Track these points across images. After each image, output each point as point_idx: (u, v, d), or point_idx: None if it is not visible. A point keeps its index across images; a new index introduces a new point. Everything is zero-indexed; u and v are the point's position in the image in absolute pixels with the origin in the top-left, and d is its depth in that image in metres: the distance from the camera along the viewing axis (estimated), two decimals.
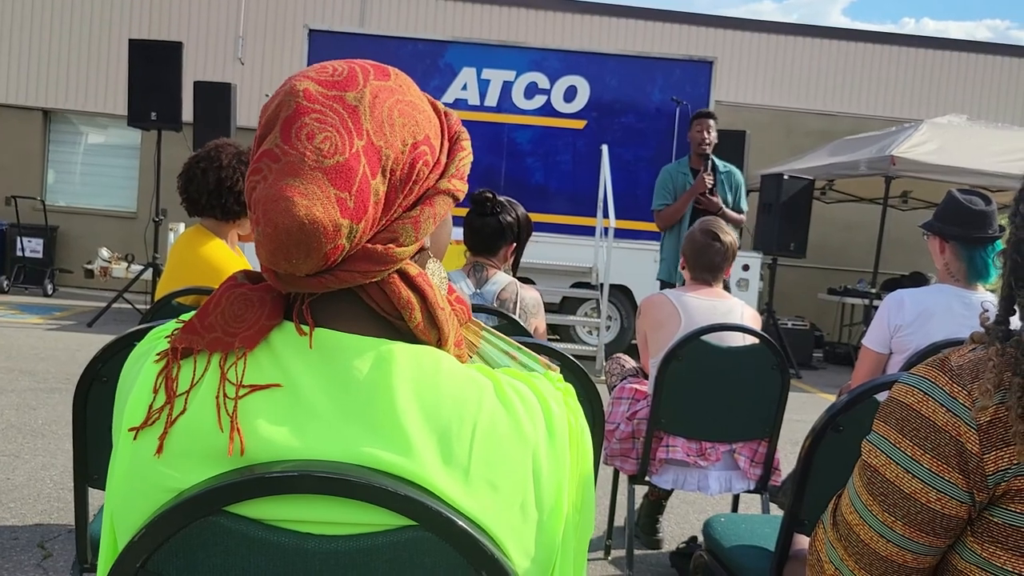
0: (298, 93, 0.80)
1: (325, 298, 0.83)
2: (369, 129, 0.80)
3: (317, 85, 0.81)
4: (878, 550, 1.05)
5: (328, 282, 0.80)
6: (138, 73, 8.47)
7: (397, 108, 0.83)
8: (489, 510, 0.77)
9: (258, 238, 0.78)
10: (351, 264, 0.80)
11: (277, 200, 0.76)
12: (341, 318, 0.83)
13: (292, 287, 0.81)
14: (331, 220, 0.76)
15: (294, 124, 0.78)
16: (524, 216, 2.98)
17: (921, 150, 8.55)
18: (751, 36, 13.62)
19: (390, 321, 0.84)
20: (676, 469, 2.92)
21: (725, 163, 5.76)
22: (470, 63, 9.12)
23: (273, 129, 0.80)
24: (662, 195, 5.66)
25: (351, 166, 0.78)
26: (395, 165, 0.81)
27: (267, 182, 0.78)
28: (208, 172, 2.67)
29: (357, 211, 0.78)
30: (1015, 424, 0.95)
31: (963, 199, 2.67)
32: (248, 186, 0.80)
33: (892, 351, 2.75)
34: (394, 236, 0.82)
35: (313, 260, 0.77)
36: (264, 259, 0.79)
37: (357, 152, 0.78)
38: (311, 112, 0.79)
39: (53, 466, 3.88)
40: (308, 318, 0.81)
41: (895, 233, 10.47)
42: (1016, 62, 13.82)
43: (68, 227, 12.70)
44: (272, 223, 0.76)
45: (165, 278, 2.71)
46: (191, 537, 0.73)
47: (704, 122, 5.57)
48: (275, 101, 0.81)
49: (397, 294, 0.83)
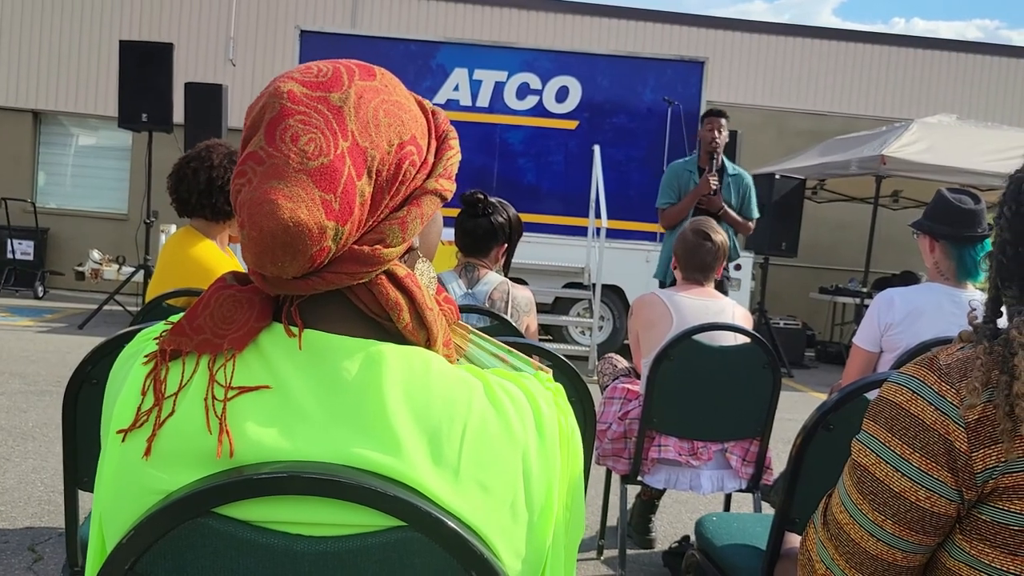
0: (282, 95, 0.80)
1: (314, 300, 0.83)
2: (354, 130, 0.80)
3: (301, 86, 0.80)
4: (868, 549, 1.06)
5: (315, 284, 0.80)
6: (129, 74, 8.44)
7: (383, 108, 0.82)
8: (479, 511, 0.77)
9: (244, 241, 0.78)
10: (338, 266, 0.80)
11: (262, 203, 0.76)
12: (330, 319, 0.83)
13: (279, 289, 0.81)
14: (316, 222, 0.76)
15: (278, 126, 0.78)
16: (515, 217, 2.98)
17: (911, 149, 8.59)
18: (742, 36, 13.65)
19: (379, 322, 0.84)
20: (668, 468, 2.93)
21: (735, 166, 5.57)
22: (462, 64, 9.11)
23: (258, 131, 0.79)
24: (667, 193, 5.50)
25: (336, 168, 0.78)
26: (381, 166, 0.81)
27: (252, 185, 0.77)
28: (199, 172, 2.66)
29: (342, 213, 0.78)
30: (1003, 422, 0.95)
31: (952, 198, 2.68)
32: (233, 189, 0.80)
33: (883, 349, 2.76)
34: (381, 237, 0.82)
35: (299, 262, 0.77)
36: (251, 262, 0.79)
37: (342, 153, 0.78)
38: (295, 114, 0.78)
39: (44, 469, 3.87)
40: (297, 319, 0.81)
41: (886, 232, 10.50)
42: (1005, 62, 13.89)
43: (59, 229, 12.65)
44: (257, 226, 0.76)
45: (155, 280, 2.69)
46: (180, 539, 0.73)
47: (715, 121, 5.40)
48: (260, 103, 0.81)
49: (385, 295, 0.83)
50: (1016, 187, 1.08)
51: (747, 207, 5.44)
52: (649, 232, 8.83)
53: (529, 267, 8.26)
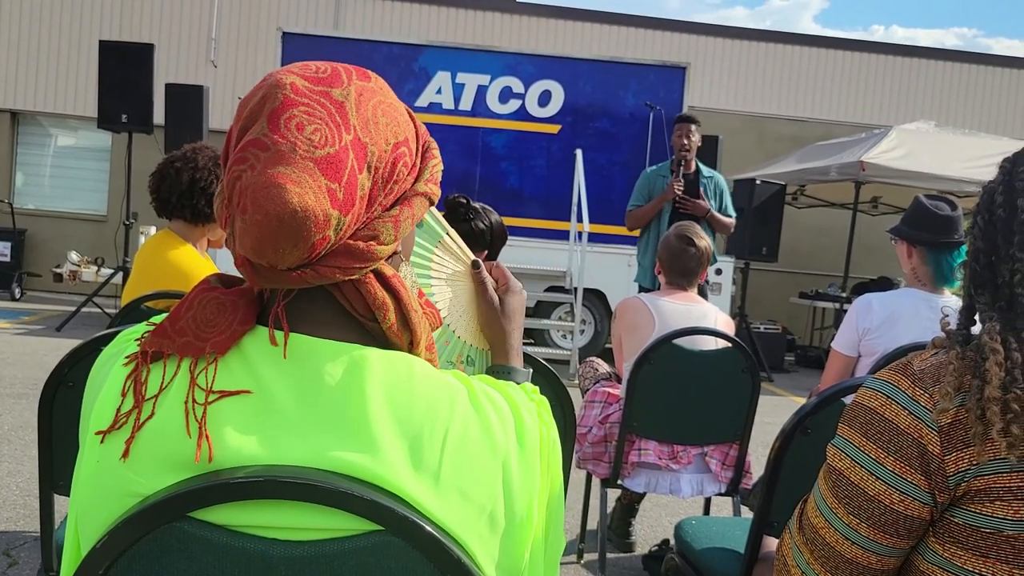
0: (284, 86, 0.80)
1: (299, 300, 0.83)
2: (356, 125, 0.80)
3: (303, 80, 0.81)
4: (843, 552, 1.07)
5: (308, 276, 0.79)
6: (109, 75, 8.37)
7: (380, 108, 0.84)
8: (458, 516, 0.77)
9: (243, 227, 0.77)
10: (332, 259, 0.80)
11: (268, 187, 0.75)
12: (314, 321, 0.83)
13: (269, 282, 0.81)
14: (322, 209, 0.76)
15: (282, 115, 0.78)
16: (498, 223, 2.95)
17: (890, 156, 8.67)
18: (724, 42, 13.73)
19: (363, 323, 0.84)
20: (648, 472, 2.94)
21: (710, 168, 5.66)
22: (444, 67, 9.11)
23: (258, 120, 0.79)
24: (637, 197, 5.63)
25: (341, 158, 0.78)
26: (379, 162, 0.82)
27: (255, 170, 0.77)
28: (182, 172, 2.64)
29: (346, 203, 0.78)
30: (974, 425, 0.97)
31: (929, 205, 2.71)
32: (230, 176, 0.78)
33: (861, 354, 2.78)
34: (375, 234, 0.82)
35: (300, 250, 0.77)
36: (247, 250, 0.78)
37: (346, 145, 0.79)
38: (299, 104, 0.79)
39: (19, 473, 3.82)
40: (284, 322, 0.81)
41: (865, 238, 10.59)
42: (983, 70, 14.05)
43: (37, 230, 12.51)
44: (262, 210, 0.75)
45: (132, 283, 2.66)
46: (154, 543, 0.73)
47: (684, 127, 5.49)
48: (258, 94, 0.80)
49: (372, 294, 0.83)
50: (989, 197, 1.09)
51: (725, 207, 5.55)
52: (631, 236, 8.83)
53: (511, 271, 8.22)
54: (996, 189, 1.09)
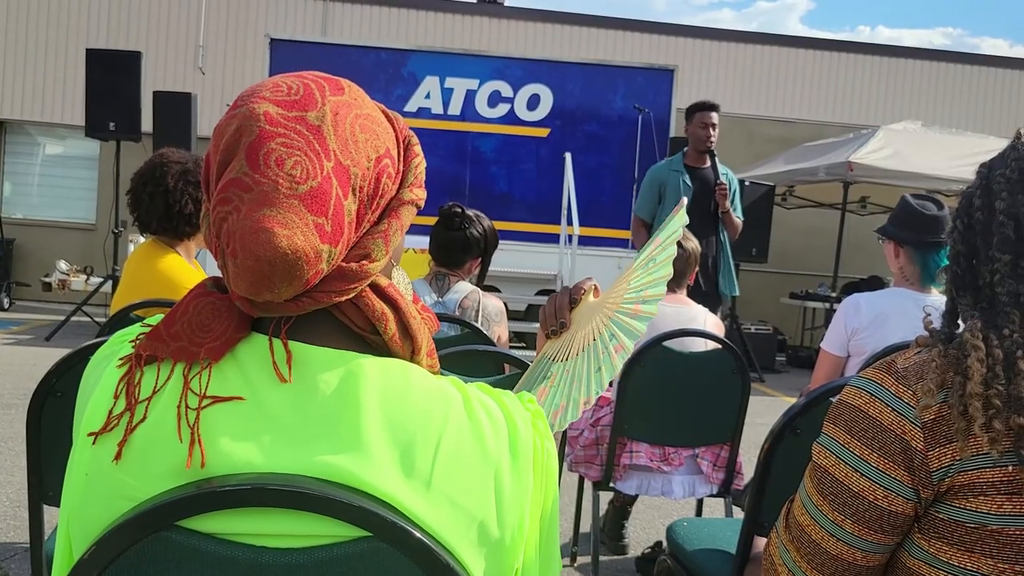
0: (258, 116, 0.78)
1: (299, 317, 0.82)
2: (335, 149, 0.79)
3: (276, 107, 0.79)
4: (829, 549, 1.08)
5: (305, 304, 0.79)
6: (96, 83, 8.35)
7: (358, 124, 0.82)
8: (449, 523, 0.77)
9: (236, 271, 0.76)
10: (326, 284, 0.79)
11: (256, 232, 0.75)
12: (314, 333, 0.82)
13: (268, 312, 0.80)
14: (312, 247, 0.76)
15: (260, 150, 0.76)
16: (491, 229, 2.99)
17: (877, 156, 8.71)
18: (711, 44, 13.78)
19: (364, 336, 0.84)
20: (640, 474, 2.94)
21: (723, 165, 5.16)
22: (433, 72, 9.12)
23: (236, 155, 0.77)
24: (647, 198, 5.05)
25: (324, 190, 0.77)
26: (363, 182, 0.81)
27: (240, 213, 0.76)
28: (155, 197, 2.62)
29: (334, 235, 0.78)
30: (957, 421, 0.98)
31: (916, 204, 2.73)
32: (216, 217, 0.77)
33: (850, 354, 2.80)
34: (366, 252, 0.82)
35: (295, 287, 0.77)
36: (244, 290, 0.77)
37: (328, 175, 0.78)
38: (276, 136, 0.77)
39: (9, 484, 3.80)
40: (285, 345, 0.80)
41: (854, 237, 10.63)
42: (969, 69, 14.14)
43: (25, 239, 12.45)
44: (253, 255, 0.75)
45: (121, 292, 2.65)
46: (143, 552, 0.73)
47: (707, 115, 4.82)
48: (232, 125, 0.79)
49: (371, 307, 0.82)
50: (967, 202, 1.11)
51: (735, 208, 5.15)
52: (621, 239, 8.87)
53: (501, 274, 8.27)
54: (974, 193, 1.10)
